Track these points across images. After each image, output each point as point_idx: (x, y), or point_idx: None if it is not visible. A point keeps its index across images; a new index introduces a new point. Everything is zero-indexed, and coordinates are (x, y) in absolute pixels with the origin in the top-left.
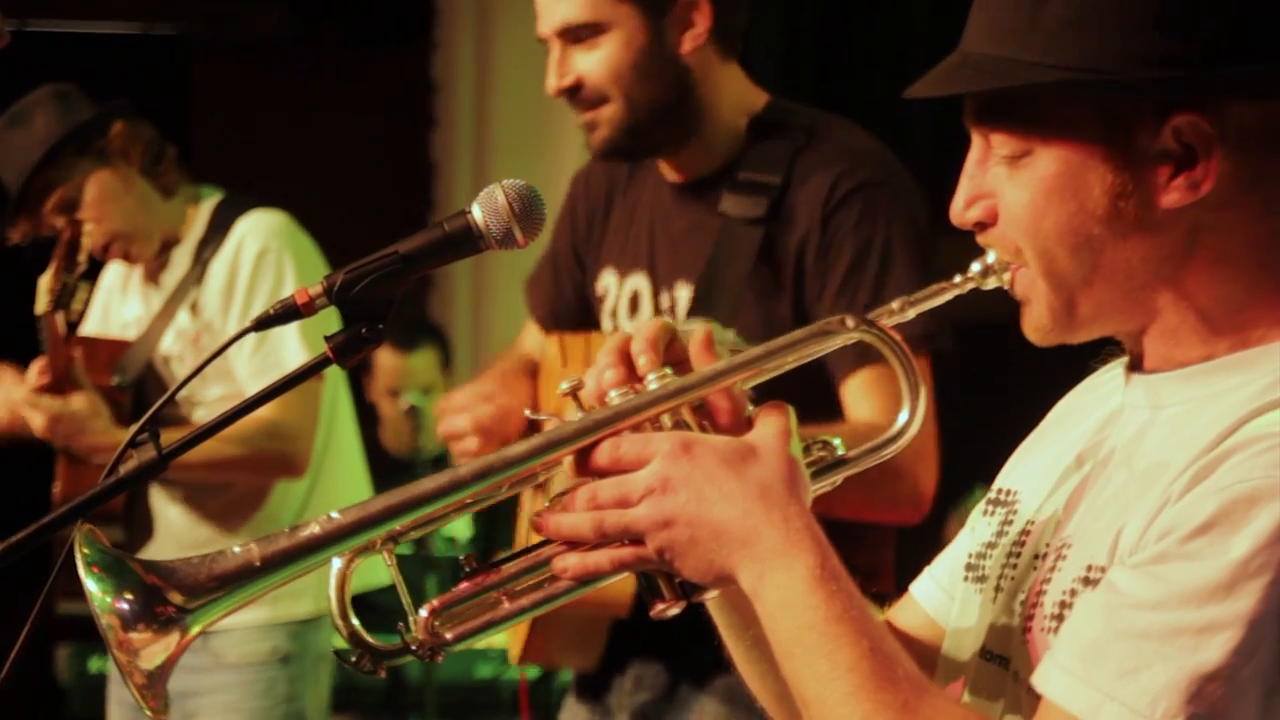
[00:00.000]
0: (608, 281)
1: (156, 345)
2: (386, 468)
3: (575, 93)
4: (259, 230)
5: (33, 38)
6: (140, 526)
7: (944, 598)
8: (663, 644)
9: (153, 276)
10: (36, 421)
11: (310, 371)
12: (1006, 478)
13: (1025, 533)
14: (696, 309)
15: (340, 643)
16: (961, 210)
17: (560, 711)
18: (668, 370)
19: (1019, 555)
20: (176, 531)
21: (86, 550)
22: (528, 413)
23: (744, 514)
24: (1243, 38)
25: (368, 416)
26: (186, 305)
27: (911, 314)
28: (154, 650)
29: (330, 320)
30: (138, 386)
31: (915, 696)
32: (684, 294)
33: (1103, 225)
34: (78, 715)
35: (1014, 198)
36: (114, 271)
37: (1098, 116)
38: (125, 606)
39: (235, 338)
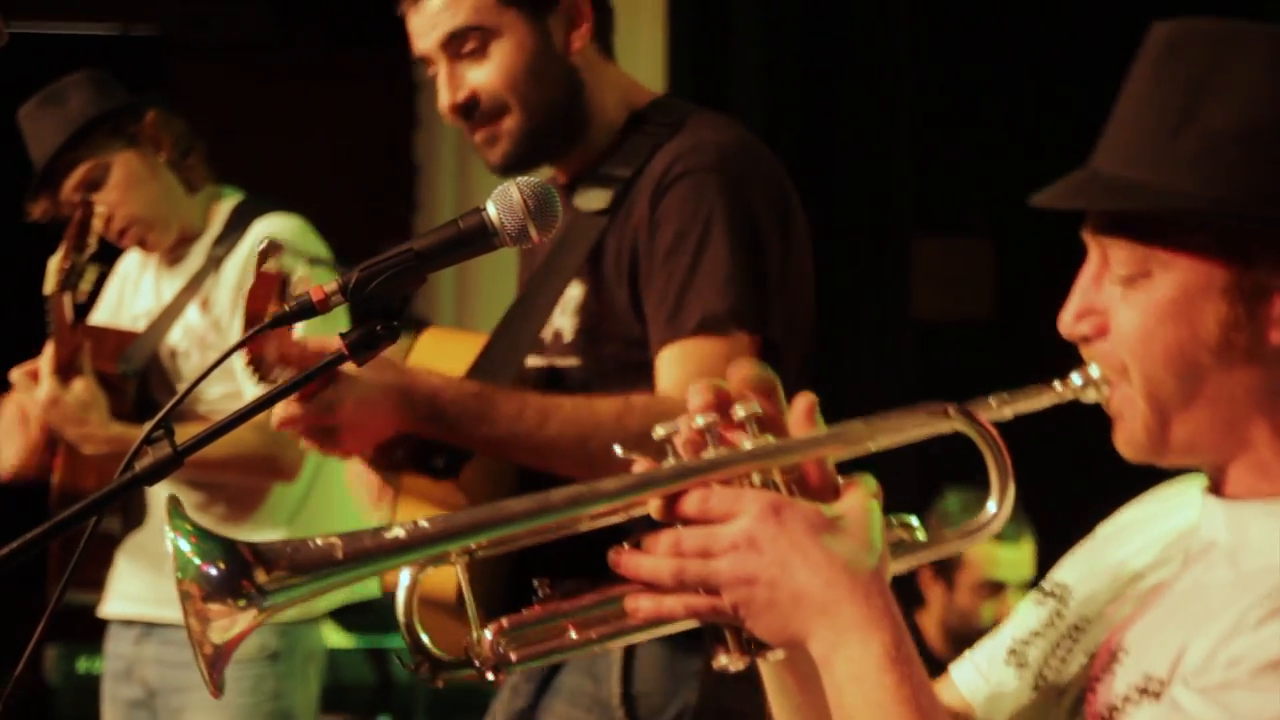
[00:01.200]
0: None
1: (164, 337)
2: None
3: (471, 109)
4: (274, 233)
5: (10, 38)
6: (134, 514)
7: (981, 683)
8: None
9: (167, 269)
10: (35, 399)
11: (326, 367)
12: (1060, 572)
13: (1077, 629)
14: (521, 303)
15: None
16: (1072, 323)
17: None
18: (759, 424)
19: (1069, 650)
20: None
21: (180, 521)
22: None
23: (826, 584)
24: None
25: None
26: (197, 301)
27: (1009, 413)
28: (226, 624)
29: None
30: (142, 377)
31: None
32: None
33: (1212, 355)
34: (66, 716)
35: (1127, 318)
36: (131, 260)
37: (1220, 247)
38: (214, 573)
39: (252, 335)
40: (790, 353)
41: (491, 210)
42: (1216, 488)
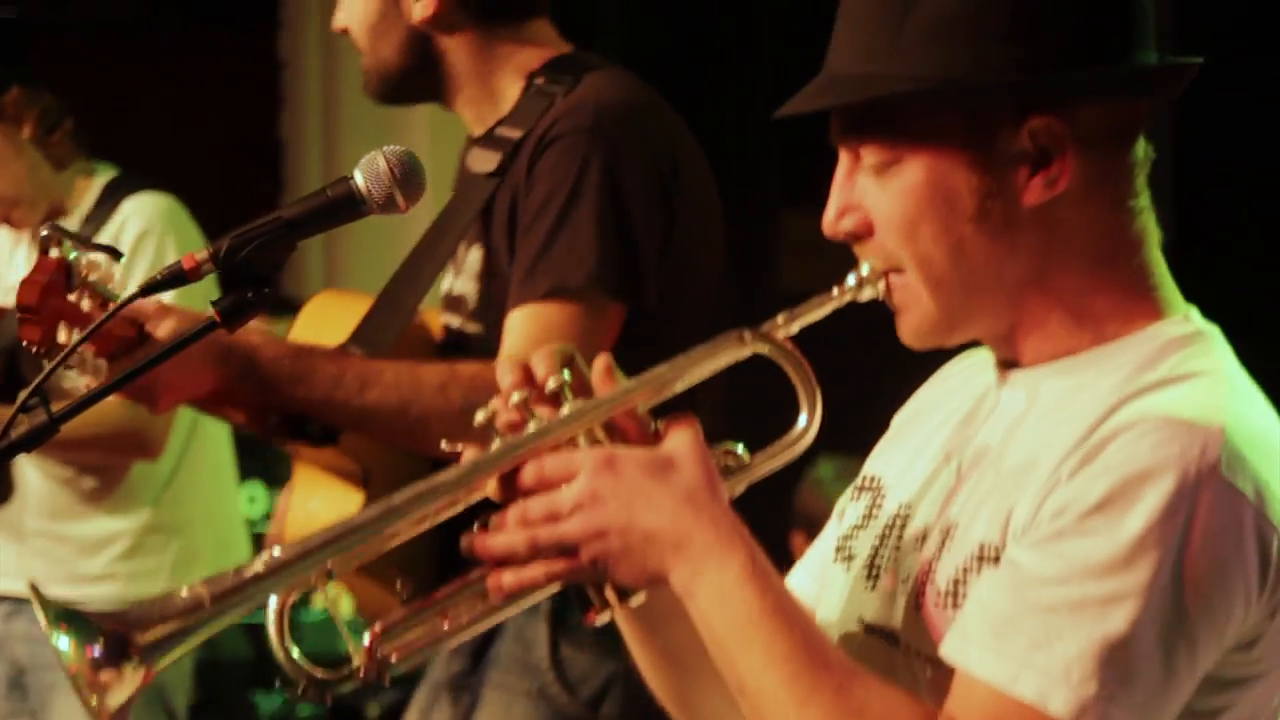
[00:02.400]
0: None
1: None
2: (250, 443)
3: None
4: (144, 211)
5: None
6: (0, 490)
7: (814, 586)
8: None
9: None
10: None
11: (196, 336)
12: (872, 465)
13: (900, 516)
14: (407, 265)
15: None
16: (834, 222)
17: None
18: (572, 390)
19: (900, 536)
20: (36, 497)
21: (49, 613)
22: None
23: (674, 519)
24: (1089, 43)
25: None
26: None
27: (796, 327)
28: (119, 689)
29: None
30: (11, 354)
31: (848, 679)
32: None
33: (974, 225)
34: None
35: (887, 206)
36: (1, 238)
37: (961, 123)
38: (98, 654)
39: (122, 304)
40: (681, 322)
41: (359, 179)
42: (1005, 359)
